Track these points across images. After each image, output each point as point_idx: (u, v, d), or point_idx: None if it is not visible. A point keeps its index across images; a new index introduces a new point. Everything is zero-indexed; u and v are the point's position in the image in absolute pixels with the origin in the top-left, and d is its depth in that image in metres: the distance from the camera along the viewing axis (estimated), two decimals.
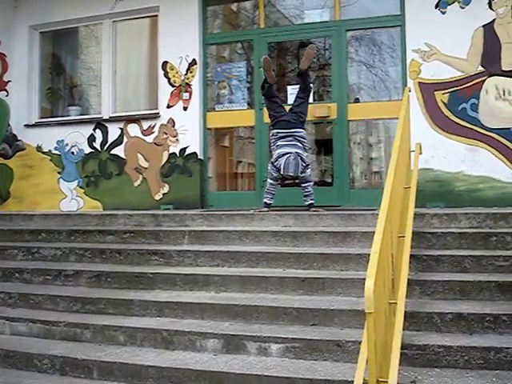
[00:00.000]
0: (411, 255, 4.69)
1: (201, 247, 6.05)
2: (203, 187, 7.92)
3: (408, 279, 4.32)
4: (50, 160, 8.78)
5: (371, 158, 13.80)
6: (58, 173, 8.70)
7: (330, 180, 9.29)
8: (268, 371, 4.19)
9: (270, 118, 6.92)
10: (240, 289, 5.25)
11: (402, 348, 3.61)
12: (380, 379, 3.25)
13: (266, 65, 6.77)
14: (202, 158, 7.89)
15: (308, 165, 6.62)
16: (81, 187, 8.50)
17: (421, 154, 6.28)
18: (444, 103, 6.99)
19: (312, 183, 6.70)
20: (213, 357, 4.51)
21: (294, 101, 6.89)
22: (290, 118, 6.71)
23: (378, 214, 3.91)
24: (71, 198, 8.53)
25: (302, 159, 6.51)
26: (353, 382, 3.26)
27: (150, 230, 6.63)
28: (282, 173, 6.53)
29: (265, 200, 6.72)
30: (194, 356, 4.55)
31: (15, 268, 6.37)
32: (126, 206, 7.95)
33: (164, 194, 7.99)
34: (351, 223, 6.11)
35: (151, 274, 5.67)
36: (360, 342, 3.63)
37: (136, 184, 8.17)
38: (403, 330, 3.79)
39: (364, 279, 3.30)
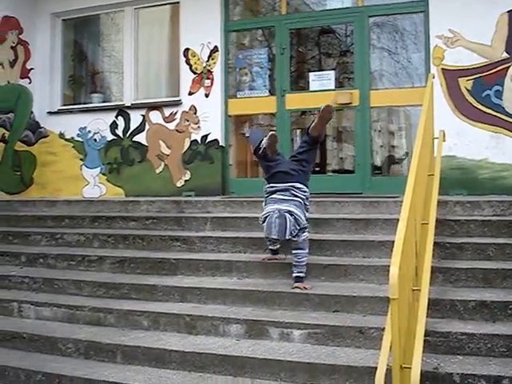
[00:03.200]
0: (434, 242, 4.67)
1: (223, 233, 6.08)
2: (224, 174, 7.93)
3: (431, 266, 4.30)
4: (73, 147, 8.84)
5: (392, 146, 13.72)
6: (81, 159, 8.77)
7: (351, 168, 9.29)
8: (290, 356, 4.22)
9: (263, 170, 5.58)
10: (262, 275, 5.28)
11: (424, 335, 3.59)
12: (403, 365, 3.26)
13: (271, 142, 5.30)
14: (223, 144, 7.90)
15: (305, 228, 5.10)
16: (103, 174, 8.56)
17: (444, 141, 6.23)
18: (468, 90, 6.92)
19: (306, 251, 5.07)
20: (235, 342, 4.55)
21: (300, 146, 5.53)
22: (288, 169, 5.26)
23: (400, 202, 3.90)
24: (94, 185, 8.59)
25: (296, 219, 4.97)
26: (375, 368, 3.26)
27: (172, 216, 6.68)
28: (265, 236, 5.11)
29: (270, 247, 5.48)
30: (216, 341, 4.59)
31: (39, 253, 6.46)
32: (148, 192, 7.99)
33: (186, 180, 8.02)
34: (373, 210, 6.09)
35: (174, 259, 5.71)
36: (383, 329, 3.64)
37: (158, 171, 8.20)
38: (426, 317, 3.77)
39: (387, 266, 3.31)
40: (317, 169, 10.17)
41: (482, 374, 3.78)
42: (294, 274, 5.00)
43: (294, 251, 5.05)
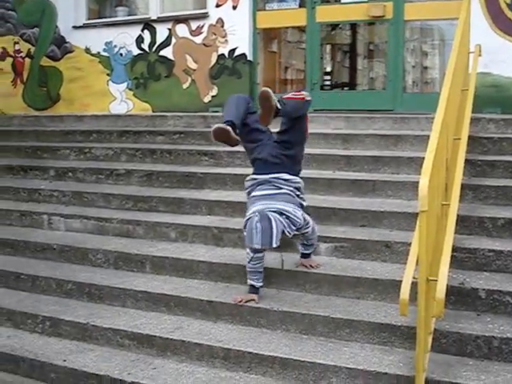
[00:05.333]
0: (465, 160, 4.57)
1: None
2: (252, 90, 7.78)
3: (461, 183, 4.23)
4: (99, 62, 8.72)
5: (425, 67, 13.35)
6: (107, 75, 8.67)
7: (381, 86, 9.08)
8: (316, 269, 4.26)
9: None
10: None
11: (451, 251, 3.58)
12: (430, 278, 3.25)
13: (221, 137, 4.10)
14: (251, 59, 7.71)
15: (307, 224, 4.14)
16: (130, 89, 8.47)
17: (480, 55, 6.00)
18: (507, 4, 6.57)
19: (316, 235, 4.29)
20: None
21: (281, 123, 4.29)
22: (269, 156, 4.17)
23: (432, 118, 3.81)
24: (121, 100, 8.51)
25: (289, 219, 3.98)
26: (401, 281, 3.26)
27: (199, 131, 6.65)
28: (247, 246, 4.06)
29: (251, 282, 4.12)
30: (243, 253, 4.59)
31: (68, 167, 6.54)
32: (175, 108, 7.90)
33: (213, 96, 7.88)
34: (404, 126, 5.98)
35: (201, 173, 5.74)
36: (409, 244, 3.62)
37: (185, 86, 8.07)
38: (454, 233, 3.74)
39: (416, 182, 3.27)
40: (346, 88, 10.00)
41: (508, 291, 3.79)
42: (302, 251, 4.27)
43: (305, 241, 4.28)
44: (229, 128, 4.01)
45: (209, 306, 4.18)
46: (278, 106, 4.01)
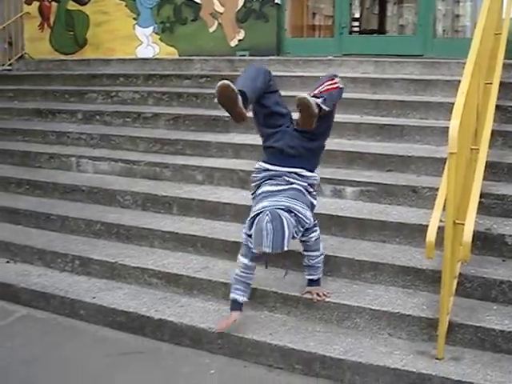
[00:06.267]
0: (496, 106, 4.46)
1: None
2: (280, 34, 7.65)
3: (491, 130, 4.15)
4: (125, 6, 8.63)
5: (456, 15, 12.97)
6: (134, 19, 8.59)
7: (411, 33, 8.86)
8: (341, 212, 4.29)
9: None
10: None
11: (479, 196, 3.55)
12: (457, 221, 3.24)
13: (227, 99, 3.37)
14: (278, 2, 7.56)
15: (314, 226, 3.65)
16: (156, 33, 8.40)
17: None
18: None
19: (321, 251, 3.75)
20: None
21: None
22: (287, 146, 3.59)
23: (463, 63, 3.72)
24: (147, 45, 8.45)
25: (298, 218, 3.43)
26: (427, 226, 3.26)
27: (226, 74, 6.55)
28: (253, 249, 3.49)
29: (233, 296, 3.60)
30: None
31: (95, 111, 6.58)
32: (202, 52, 7.82)
33: (239, 40, 7.77)
34: (434, 71, 5.86)
35: (227, 117, 5.61)
36: (437, 189, 3.61)
37: (211, 30, 7.96)
38: (482, 179, 3.70)
39: (445, 128, 3.24)
40: (374, 35, 9.78)
41: None
42: (307, 277, 3.78)
43: (305, 253, 3.74)
44: (236, 89, 3.32)
45: (235, 247, 4.21)
46: (324, 107, 3.38)
